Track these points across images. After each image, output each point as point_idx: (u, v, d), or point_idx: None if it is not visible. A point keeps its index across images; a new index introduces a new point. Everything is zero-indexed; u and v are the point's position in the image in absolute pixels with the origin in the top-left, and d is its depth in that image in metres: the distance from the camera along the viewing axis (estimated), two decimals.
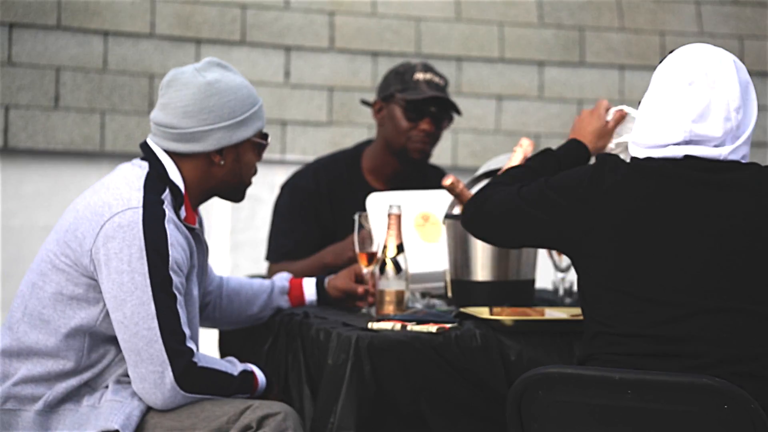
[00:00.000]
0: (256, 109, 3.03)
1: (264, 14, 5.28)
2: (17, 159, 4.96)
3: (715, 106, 2.60)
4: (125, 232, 2.82)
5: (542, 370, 2.51)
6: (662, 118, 2.64)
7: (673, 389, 2.40)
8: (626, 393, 2.42)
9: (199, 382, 2.84)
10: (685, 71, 2.64)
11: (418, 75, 3.95)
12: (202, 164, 3.00)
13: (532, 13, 5.58)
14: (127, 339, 2.82)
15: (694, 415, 2.40)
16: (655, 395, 2.41)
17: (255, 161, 3.07)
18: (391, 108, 3.96)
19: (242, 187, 3.08)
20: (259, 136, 3.05)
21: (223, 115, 2.97)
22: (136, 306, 2.80)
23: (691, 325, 2.51)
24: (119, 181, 2.92)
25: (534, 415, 2.52)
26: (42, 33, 4.97)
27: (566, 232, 2.67)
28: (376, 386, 2.88)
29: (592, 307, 2.62)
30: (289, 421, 2.82)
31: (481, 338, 2.97)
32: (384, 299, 3.19)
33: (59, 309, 2.88)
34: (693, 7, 5.73)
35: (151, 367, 2.80)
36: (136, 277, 2.81)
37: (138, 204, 2.85)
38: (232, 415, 2.83)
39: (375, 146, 4.06)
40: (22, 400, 2.89)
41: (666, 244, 2.57)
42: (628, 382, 2.42)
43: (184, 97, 2.97)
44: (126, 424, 2.82)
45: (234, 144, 3.00)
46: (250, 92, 3.03)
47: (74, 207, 2.93)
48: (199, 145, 2.98)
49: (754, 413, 2.35)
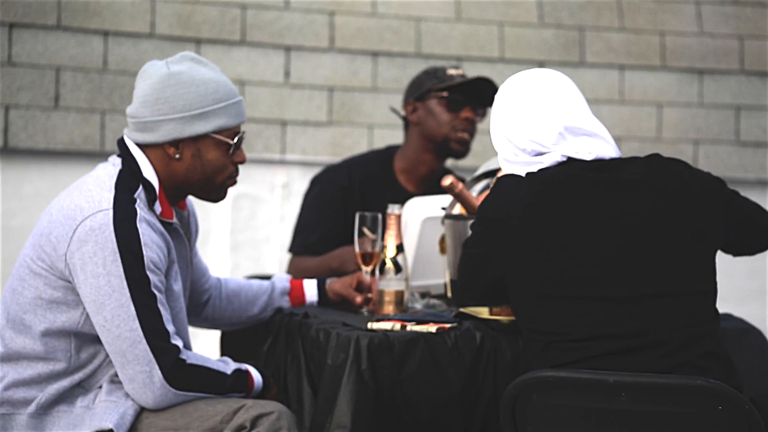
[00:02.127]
0: (221, 106, 2.93)
1: (264, 14, 5.28)
2: (17, 159, 4.96)
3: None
4: (97, 236, 2.79)
5: (536, 373, 2.52)
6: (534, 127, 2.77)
7: (668, 391, 2.40)
8: (621, 395, 2.43)
9: (189, 379, 2.82)
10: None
11: (450, 71, 4.02)
12: (161, 157, 2.94)
13: (532, 13, 5.58)
14: (110, 342, 2.80)
15: (688, 417, 2.40)
16: (650, 397, 2.42)
17: (223, 161, 2.96)
18: (428, 104, 3.99)
19: (211, 186, 2.99)
20: (227, 135, 2.96)
21: (177, 107, 2.90)
22: (116, 309, 2.78)
23: (644, 316, 2.55)
24: (92, 182, 2.89)
25: (528, 419, 2.52)
26: (42, 33, 4.97)
27: (499, 252, 2.72)
28: (376, 386, 2.89)
29: (535, 319, 2.65)
30: (283, 421, 2.81)
31: (481, 338, 2.97)
32: (384, 299, 3.20)
33: (39, 313, 2.87)
34: (693, 7, 5.73)
35: (138, 368, 2.78)
36: (113, 279, 2.78)
37: (108, 206, 2.82)
38: (226, 414, 2.82)
39: (408, 148, 4.08)
40: (14, 403, 2.87)
41: (589, 242, 2.62)
42: (622, 385, 2.43)
43: (145, 86, 2.93)
44: (120, 424, 2.81)
45: (188, 138, 2.92)
46: (219, 88, 2.94)
47: (49, 210, 2.91)
48: (152, 135, 2.92)
49: (749, 414, 2.35)
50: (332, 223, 3.97)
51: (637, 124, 5.64)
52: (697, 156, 5.70)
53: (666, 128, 5.69)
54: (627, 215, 2.64)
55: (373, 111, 5.39)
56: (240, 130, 2.99)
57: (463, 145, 3.99)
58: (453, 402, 2.93)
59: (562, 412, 2.50)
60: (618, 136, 5.59)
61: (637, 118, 5.65)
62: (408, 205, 3.62)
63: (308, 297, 3.36)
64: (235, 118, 2.97)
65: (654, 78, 5.69)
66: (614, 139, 2.85)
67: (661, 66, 5.69)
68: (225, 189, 3.03)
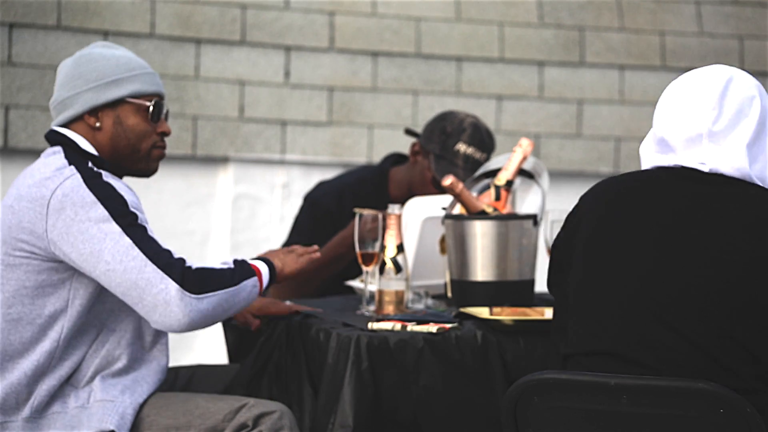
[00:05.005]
0: (135, 74, 3.00)
1: (264, 14, 5.28)
2: (17, 159, 4.95)
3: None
4: (72, 198, 2.81)
5: (537, 375, 2.50)
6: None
7: (669, 394, 2.39)
8: (622, 398, 2.42)
9: (203, 281, 2.80)
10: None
11: (460, 146, 3.90)
12: (85, 131, 2.97)
13: (532, 13, 5.58)
14: (120, 282, 2.79)
15: (690, 420, 2.39)
16: (651, 400, 2.41)
17: (145, 126, 3.00)
18: (424, 161, 3.94)
19: (138, 155, 3.01)
20: (144, 100, 2.99)
21: (90, 79, 2.96)
22: (113, 246, 2.78)
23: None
24: (39, 166, 2.91)
25: (529, 421, 2.51)
26: (42, 33, 4.97)
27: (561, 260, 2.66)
28: (376, 386, 2.89)
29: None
30: (285, 420, 2.81)
31: (481, 338, 2.97)
32: (384, 299, 3.19)
33: (27, 302, 2.86)
34: (693, 7, 5.73)
35: (154, 290, 2.77)
36: (102, 225, 2.79)
37: (72, 172, 2.84)
38: (228, 412, 2.82)
39: (404, 173, 4.03)
40: (6, 410, 2.85)
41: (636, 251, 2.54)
42: (623, 387, 2.41)
43: (60, 75, 3.00)
44: (121, 424, 2.80)
45: (105, 105, 2.96)
46: (130, 61, 3.01)
47: (6, 205, 2.90)
48: (71, 111, 2.97)
49: (750, 417, 2.34)
50: (322, 247, 3.95)
51: (637, 124, 5.64)
52: None
53: None
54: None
55: (373, 111, 5.39)
56: (159, 99, 3.02)
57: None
58: (453, 402, 2.93)
59: (564, 414, 2.49)
60: (618, 136, 5.60)
61: (637, 118, 5.65)
62: (408, 205, 3.61)
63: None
64: (151, 85, 3.02)
65: (654, 78, 5.69)
66: (614, 140, 2.82)
67: (661, 66, 5.69)
68: (153, 159, 3.05)
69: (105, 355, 2.91)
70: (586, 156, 5.61)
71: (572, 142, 5.62)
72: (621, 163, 5.57)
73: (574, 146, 5.62)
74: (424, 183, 3.94)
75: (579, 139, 5.62)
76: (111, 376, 2.88)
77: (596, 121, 5.63)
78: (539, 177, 3.52)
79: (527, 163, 3.51)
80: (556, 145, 5.61)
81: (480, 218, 3.31)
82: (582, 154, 5.62)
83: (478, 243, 3.28)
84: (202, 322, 2.81)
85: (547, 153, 5.57)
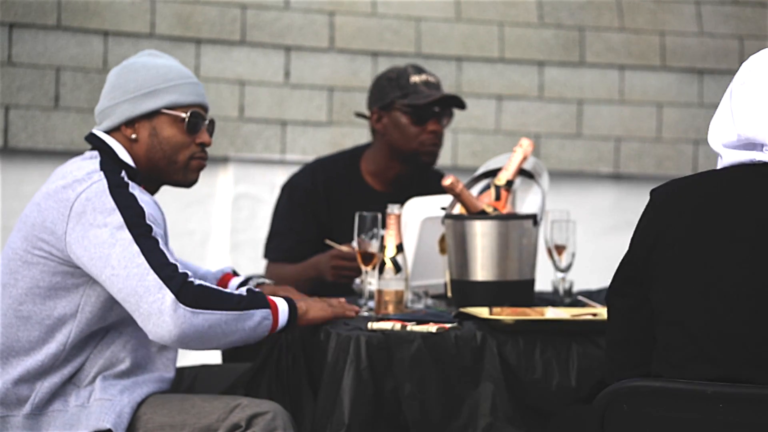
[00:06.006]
0: (172, 84, 3.00)
1: (264, 14, 5.28)
2: (17, 159, 4.96)
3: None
4: (95, 202, 2.82)
5: (628, 383, 2.40)
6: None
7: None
8: (718, 407, 2.32)
9: (200, 297, 2.77)
10: None
11: (413, 78, 3.92)
12: (123, 142, 2.99)
13: (532, 13, 5.58)
14: (121, 287, 2.78)
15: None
16: (749, 409, 2.31)
17: (181, 138, 3.01)
18: (393, 116, 3.93)
19: (175, 166, 3.02)
20: (180, 111, 3.00)
21: (128, 90, 2.98)
22: (121, 252, 2.78)
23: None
24: (74, 168, 2.92)
25: (618, 429, 2.42)
26: (42, 33, 4.97)
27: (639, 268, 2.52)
28: (376, 386, 2.89)
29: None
30: (279, 421, 2.81)
31: (481, 338, 2.97)
32: (384, 299, 3.19)
33: (38, 302, 2.87)
34: (693, 7, 5.73)
35: (151, 298, 2.75)
36: (115, 231, 2.79)
37: (100, 177, 2.86)
38: (222, 412, 2.82)
39: (375, 151, 4.02)
40: (8, 405, 2.86)
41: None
42: (721, 396, 2.31)
43: (107, 81, 3.04)
44: (118, 423, 2.81)
45: (141, 116, 2.98)
46: (170, 71, 3.01)
47: (34, 202, 2.91)
48: (109, 121, 3.00)
49: None
50: (303, 228, 3.97)
51: (637, 124, 5.64)
52: (697, 156, 5.70)
53: (666, 128, 5.69)
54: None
55: None
56: (197, 110, 3.02)
57: (432, 156, 3.94)
58: (453, 402, 2.93)
59: (655, 423, 2.39)
60: (618, 137, 5.59)
61: (637, 118, 5.65)
62: (408, 205, 3.61)
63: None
64: (189, 96, 3.01)
65: (654, 78, 5.69)
66: (614, 140, 2.80)
67: (661, 66, 5.69)
68: (192, 170, 3.05)
69: (109, 356, 2.92)
70: (586, 156, 5.61)
71: (572, 142, 5.62)
72: (621, 163, 5.57)
73: (574, 146, 5.62)
74: (405, 132, 3.91)
75: (579, 139, 5.62)
76: (112, 377, 2.89)
77: (596, 121, 5.63)
78: (539, 177, 3.52)
79: (527, 163, 3.51)
80: (556, 145, 5.61)
81: (480, 218, 3.31)
82: (582, 154, 5.62)
83: (478, 243, 3.28)
84: (196, 338, 2.77)
85: (547, 153, 5.57)
